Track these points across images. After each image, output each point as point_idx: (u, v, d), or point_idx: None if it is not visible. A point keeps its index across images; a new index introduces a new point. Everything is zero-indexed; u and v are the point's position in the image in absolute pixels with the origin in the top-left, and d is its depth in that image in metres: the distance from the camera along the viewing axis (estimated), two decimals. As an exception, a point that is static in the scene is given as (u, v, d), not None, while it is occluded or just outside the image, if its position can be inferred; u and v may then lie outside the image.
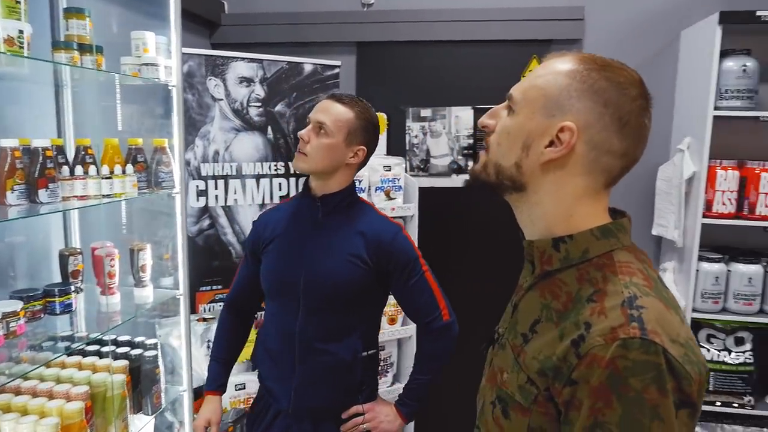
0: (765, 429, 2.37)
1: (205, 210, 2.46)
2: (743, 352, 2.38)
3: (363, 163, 1.59)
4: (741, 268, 2.32)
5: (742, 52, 2.27)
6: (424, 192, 2.58)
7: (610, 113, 0.77)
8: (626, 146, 0.78)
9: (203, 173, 2.45)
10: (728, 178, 2.29)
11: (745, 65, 2.24)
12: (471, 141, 2.78)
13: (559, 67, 0.80)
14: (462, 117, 2.77)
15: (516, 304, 0.89)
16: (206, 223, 2.47)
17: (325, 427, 1.58)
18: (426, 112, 2.79)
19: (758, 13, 2.15)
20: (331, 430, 1.58)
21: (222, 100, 2.47)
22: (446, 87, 2.78)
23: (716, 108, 2.24)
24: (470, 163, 2.79)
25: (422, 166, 2.83)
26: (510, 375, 0.81)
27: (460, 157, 2.80)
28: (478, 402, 0.94)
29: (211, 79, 2.44)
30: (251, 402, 2.34)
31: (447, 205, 2.81)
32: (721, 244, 2.47)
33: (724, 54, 2.25)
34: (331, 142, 1.50)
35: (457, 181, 2.81)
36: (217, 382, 1.73)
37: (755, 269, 2.32)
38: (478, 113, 2.76)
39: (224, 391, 1.75)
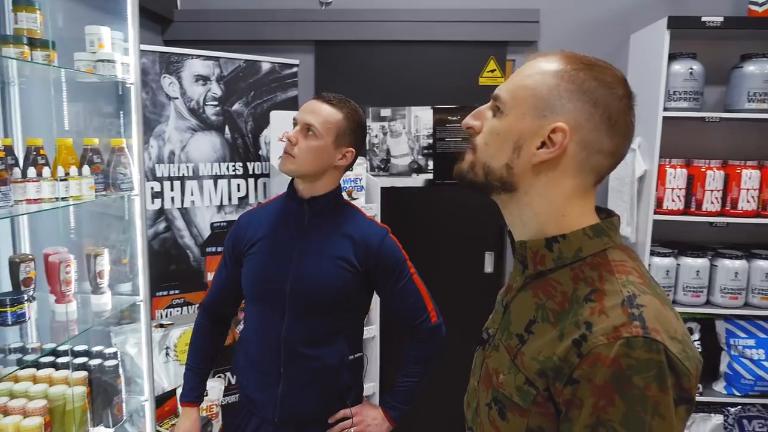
0: (713, 414, 2.49)
1: (161, 212, 2.38)
2: (692, 342, 2.49)
3: (350, 165, 1.56)
4: (689, 261, 2.43)
5: (689, 55, 2.37)
6: (384, 191, 2.58)
7: (599, 113, 0.77)
8: (615, 145, 0.79)
9: (158, 174, 2.36)
10: (677, 176, 2.39)
11: (691, 68, 2.34)
12: (431, 141, 2.80)
13: (546, 66, 0.80)
14: (421, 117, 2.79)
15: (507, 305, 0.88)
16: (162, 225, 2.38)
17: None
18: (386, 112, 2.79)
19: (703, 19, 2.25)
20: None
21: (177, 98, 2.40)
22: (406, 87, 2.78)
23: (665, 109, 2.34)
24: (430, 163, 2.81)
25: (383, 166, 2.83)
26: (507, 376, 0.80)
27: (420, 157, 2.82)
28: (470, 404, 0.93)
29: (166, 77, 2.36)
30: (213, 409, 2.29)
31: (408, 204, 2.82)
32: (670, 239, 2.58)
33: (672, 57, 2.35)
34: (320, 144, 1.46)
35: (418, 180, 2.83)
36: (194, 393, 1.66)
37: (702, 262, 2.43)
38: (438, 113, 2.78)
39: (201, 402, 1.69)
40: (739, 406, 2.50)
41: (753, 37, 2.46)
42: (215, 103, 2.49)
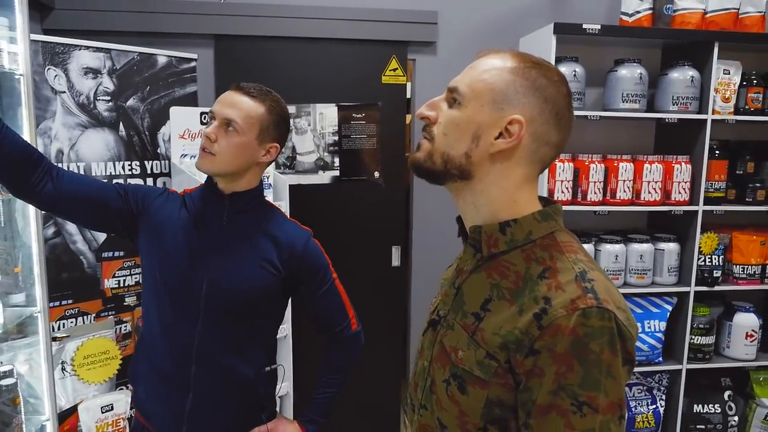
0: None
1: (49, 216, 2.18)
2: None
3: (273, 160, 1.48)
4: (577, 247, 2.66)
5: (572, 59, 2.59)
6: (291, 189, 2.56)
7: (549, 108, 0.85)
8: (560, 138, 0.88)
9: (45, 175, 2.17)
10: (565, 170, 2.60)
11: (575, 71, 2.56)
12: (336, 138, 2.81)
13: (501, 63, 0.86)
14: (326, 114, 2.80)
15: (459, 287, 0.93)
16: (51, 231, 2.19)
17: None
18: (290, 109, 2.75)
19: (584, 26, 2.48)
20: None
21: (64, 92, 2.21)
22: (310, 84, 2.78)
23: (553, 108, 2.54)
24: (337, 160, 2.83)
25: (288, 164, 2.80)
26: (466, 352, 0.85)
27: (326, 154, 2.83)
28: (419, 384, 0.96)
29: (51, 69, 2.17)
30: (119, 423, 2.15)
31: (315, 201, 2.82)
32: (560, 228, 2.81)
33: (557, 60, 2.55)
34: (242, 141, 1.35)
35: (325, 177, 2.83)
36: None
37: (588, 247, 2.67)
38: (343, 110, 2.80)
39: None
40: (622, 376, 2.79)
41: (625, 44, 2.75)
42: (107, 98, 2.33)
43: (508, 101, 0.84)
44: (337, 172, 2.84)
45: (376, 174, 2.87)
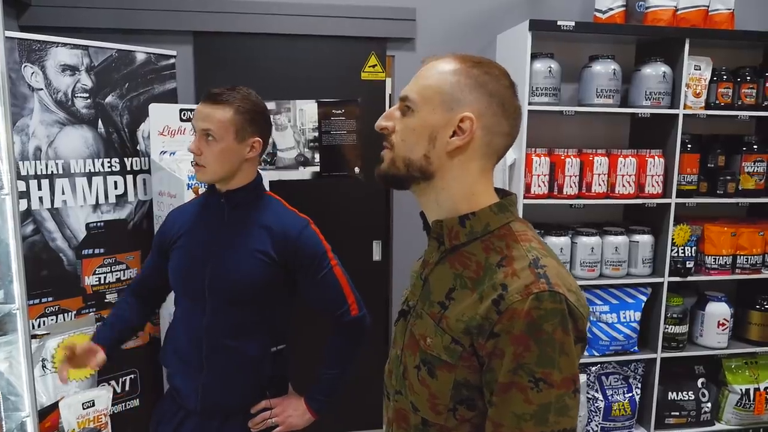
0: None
1: (28, 213, 2.18)
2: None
3: (263, 152, 1.59)
4: (554, 240, 2.71)
5: (547, 55, 2.64)
6: (272, 185, 2.58)
7: (495, 101, 0.91)
8: (510, 126, 0.93)
9: (23, 172, 2.16)
10: (541, 164, 2.65)
11: (550, 67, 2.61)
12: (316, 134, 2.83)
13: (444, 67, 0.92)
14: (306, 110, 2.82)
15: (426, 278, 0.98)
16: (30, 228, 2.19)
17: (232, 424, 1.56)
18: (270, 105, 2.77)
19: (559, 23, 2.53)
20: (237, 426, 1.56)
21: (42, 90, 2.21)
22: (290, 80, 2.79)
23: (530, 103, 2.59)
24: (317, 155, 2.85)
25: (269, 160, 2.82)
26: (434, 339, 0.90)
27: (306, 150, 2.85)
28: (393, 371, 1.01)
29: (27, 66, 2.16)
30: (101, 419, 2.15)
31: (295, 197, 2.80)
32: (537, 221, 2.86)
33: (533, 57, 2.60)
34: (223, 147, 1.47)
35: (305, 173, 2.85)
36: (101, 339, 1.64)
37: (564, 240, 2.72)
38: (322, 107, 2.82)
39: (108, 348, 1.63)
40: (598, 365, 2.85)
41: (599, 40, 2.80)
42: (86, 95, 2.33)
43: (457, 101, 0.90)
44: (317, 168, 2.87)
45: (357, 170, 2.89)
